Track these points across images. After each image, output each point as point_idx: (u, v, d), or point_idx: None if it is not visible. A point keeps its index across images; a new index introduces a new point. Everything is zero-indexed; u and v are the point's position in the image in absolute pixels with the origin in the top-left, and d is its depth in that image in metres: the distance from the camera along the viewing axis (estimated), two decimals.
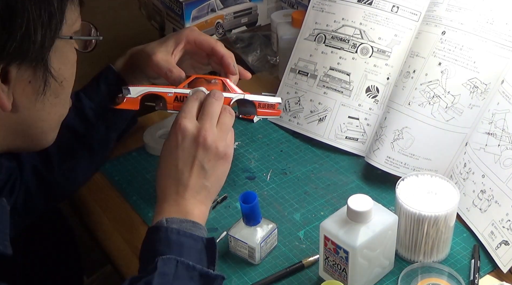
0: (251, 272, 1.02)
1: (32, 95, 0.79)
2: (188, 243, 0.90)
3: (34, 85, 0.78)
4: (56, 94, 0.82)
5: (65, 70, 0.82)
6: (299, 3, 1.58)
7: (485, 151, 1.06)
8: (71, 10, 0.80)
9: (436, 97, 1.13)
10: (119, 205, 1.17)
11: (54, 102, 0.82)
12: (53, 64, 0.79)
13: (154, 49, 1.11)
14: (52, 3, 0.76)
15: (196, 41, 1.13)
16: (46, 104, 0.81)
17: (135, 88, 1.06)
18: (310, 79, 1.30)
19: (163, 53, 1.10)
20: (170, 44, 1.12)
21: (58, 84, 0.81)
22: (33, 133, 0.85)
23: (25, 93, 0.78)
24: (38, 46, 0.75)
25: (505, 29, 1.11)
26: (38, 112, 0.82)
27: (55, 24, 0.76)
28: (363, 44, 1.25)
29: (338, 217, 0.95)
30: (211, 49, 1.12)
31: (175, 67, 1.09)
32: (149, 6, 1.69)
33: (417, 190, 1.00)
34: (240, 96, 1.07)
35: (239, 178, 1.20)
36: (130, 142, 1.29)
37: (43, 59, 0.77)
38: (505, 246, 1.00)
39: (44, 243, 1.27)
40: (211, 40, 1.13)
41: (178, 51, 1.12)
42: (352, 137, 1.25)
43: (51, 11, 0.75)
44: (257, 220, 1.01)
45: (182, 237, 0.89)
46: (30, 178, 1.08)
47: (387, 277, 1.00)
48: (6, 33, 0.72)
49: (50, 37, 0.76)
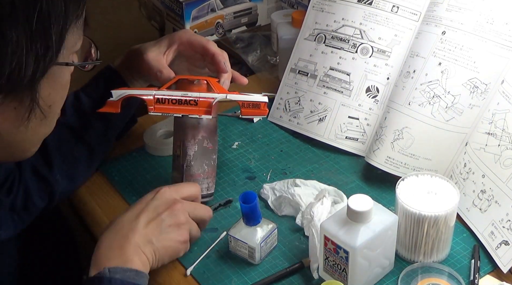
0: (251, 272, 1.02)
1: (15, 121, 0.74)
2: None
3: (19, 112, 0.73)
4: (41, 117, 0.76)
5: (54, 95, 0.77)
6: (299, 3, 1.58)
7: (485, 151, 1.06)
8: (72, 34, 0.74)
9: (436, 97, 1.13)
10: (119, 205, 1.17)
11: (39, 124, 0.77)
12: (42, 91, 0.74)
13: (146, 49, 1.11)
14: (51, 35, 0.69)
15: (189, 42, 1.13)
16: (30, 127, 0.76)
17: (116, 92, 1.07)
18: (310, 79, 1.30)
19: (155, 53, 1.11)
20: (163, 44, 1.12)
21: (46, 108, 0.76)
22: (14, 151, 0.81)
23: (9, 119, 0.73)
24: (28, 79, 0.69)
25: (505, 29, 1.10)
26: (20, 134, 0.77)
27: (51, 55, 0.71)
28: (363, 44, 1.25)
29: (338, 217, 0.95)
30: (202, 49, 1.12)
31: (166, 68, 1.09)
32: (149, 6, 1.69)
33: (417, 190, 1.00)
34: (222, 97, 1.07)
35: (239, 178, 1.20)
36: (130, 142, 1.29)
37: (32, 88, 0.72)
38: (505, 246, 1.00)
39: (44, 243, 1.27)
40: (202, 39, 1.13)
41: (171, 52, 1.12)
42: (352, 137, 1.25)
43: (48, 44, 0.69)
44: (257, 220, 1.01)
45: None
46: (30, 178, 1.08)
47: (387, 277, 1.00)
48: None
49: (42, 68, 0.70)
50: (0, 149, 0.78)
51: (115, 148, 1.27)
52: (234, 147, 1.28)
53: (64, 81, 0.79)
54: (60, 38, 0.71)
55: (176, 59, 1.15)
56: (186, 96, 1.04)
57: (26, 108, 0.73)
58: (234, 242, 1.03)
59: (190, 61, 1.17)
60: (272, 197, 1.13)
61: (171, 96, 1.05)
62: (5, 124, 0.74)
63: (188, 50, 1.14)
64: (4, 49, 0.66)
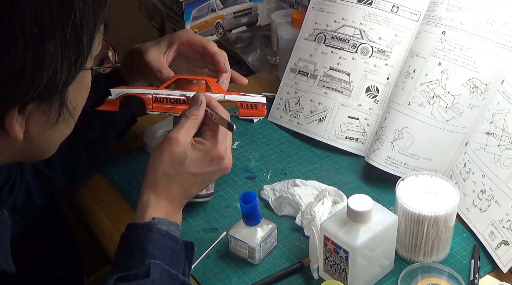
0: (251, 272, 1.02)
1: (44, 124, 0.76)
2: (171, 246, 0.90)
3: (48, 115, 0.75)
4: (66, 120, 0.79)
5: (79, 98, 0.80)
6: (299, 3, 1.58)
7: (485, 151, 1.06)
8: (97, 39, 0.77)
9: (436, 97, 1.13)
10: (119, 205, 1.17)
11: (62, 127, 0.80)
12: (70, 94, 0.76)
13: (147, 49, 1.11)
14: (82, 42, 0.71)
15: (189, 42, 1.13)
16: (55, 130, 0.79)
17: (115, 90, 1.06)
18: (310, 79, 1.30)
19: (155, 53, 1.11)
20: (163, 44, 1.12)
21: (71, 112, 0.79)
22: (37, 153, 0.83)
23: (39, 123, 0.76)
24: (61, 85, 0.72)
25: (505, 29, 1.10)
26: (45, 137, 0.79)
27: (82, 60, 0.73)
28: (363, 44, 1.25)
29: (338, 217, 0.95)
30: (202, 48, 1.12)
31: (165, 68, 1.09)
32: (149, 6, 1.69)
33: (417, 190, 1.00)
34: (220, 97, 1.07)
35: (239, 178, 1.20)
36: (130, 142, 1.29)
37: (62, 93, 0.75)
38: (505, 246, 1.00)
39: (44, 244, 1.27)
40: (202, 39, 1.14)
41: (171, 52, 1.12)
42: (352, 138, 1.25)
43: (80, 51, 0.72)
44: (257, 220, 1.01)
45: (168, 239, 0.90)
46: (31, 177, 1.08)
47: (387, 277, 1.00)
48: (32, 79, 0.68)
49: (74, 73, 0.73)
50: (24, 151, 0.80)
51: (115, 147, 1.27)
52: (234, 147, 1.28)
53: (87, 85, 0.82)
54: (90, 44, 0.74)
55: (176, 59, 1.15)
56: (184, 95, 1.04)
57: (55, 112, 0.76)
58: (234, 242, 1.03)
59: (189, 61, 1.17)
60: (272, 197, 1.13)
61: (170, 95, 1.05)
62: (34, 128, 0.76)
63: (188, 50, 1.14)
64: (43, 59, 0.68)
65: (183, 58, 1.16)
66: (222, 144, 0.96)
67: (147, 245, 0.89)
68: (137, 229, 0.91)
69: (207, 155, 0.95)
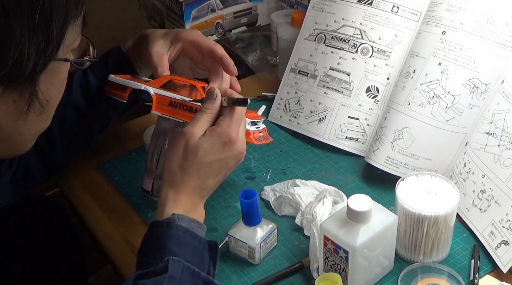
0: (251, 272, 1.02)
1: (14, 114, 0.76)
2: (193, 244, 0.90)
3: (18, 104, 0.75)
4: (39, 112, 0.79)
5: (53, 90, 0.80)
6: (299, 3, 1.58)
7: (485, 151, 1.06)
8: (71, 31, 0.77)
9: (436, 97, 1.13)
10: (119, 205, 1.17)
11: (36, 119, 0.80)
12: (42, 85, 0.76)
13: (154, 40, 1.11)
14: (52, 30, 0.72)
15: (195, 42, 1.13)
16: (27, 121, 0.78)
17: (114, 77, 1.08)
18: (310, 79, 1.30)
19: (160, 47, 1.11)
20: (169, 39, 1.13)
21: (44, 102, 0.78)
22: (10, 145, 0.83)
23: (8, 112, 0.75)
24: (29, 72, 0.72)
25: (505, 29, 1.11)
26: (18, 128, 0.79)
27: (51, 49, 0.73)
28: (363, 44, 1.25)
29: (338, 217, 0.95)
30: (209, 51, 1.12)
31: (161, 66, 1.09)
32: (149, 6, 1.69)
33: (417, 190, 1.00)
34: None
35: (239, 178, 1.20)
36: (130, 142, 1.29)
37: (32, 82, 0.74)
38: (505, 246, 1.00)
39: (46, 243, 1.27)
40: (210, 42, 1.14)
41: (175, 50, 1.13)
42: (352, 138, 1.25)
43: (49, 38, 0.72)
44: (257, 220, 1.01)
45: (188, 236, 0.90)
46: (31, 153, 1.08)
47: (387, 277, 1.00)
48: None
49: (43, 62, 0.73)
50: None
51: (115, 148, 1.27)
52: None
53: (62, 78, 0.81)
54: (60, 34, 0.74)
55: (180, 57, 1.15)
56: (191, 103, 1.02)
57: (26, 101, 0.75)
58: (234, 242, 1.03)
59: (193, 61, 1.17)
60: (272, 197, 1.13)
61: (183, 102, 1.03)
62: (4, 117, 0.75)
63: (192, 50, 1.14)
64: (9, 41, 0.68)
65: (186, 56, 1.16)
66: (233, 128, 0.95)
67: (167, 242, 0.89)
68: (156, 227, 0.91)
69: (219, 140, 0.95)
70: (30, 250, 1.21)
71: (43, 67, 0.74)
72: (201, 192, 0.96)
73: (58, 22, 0.72)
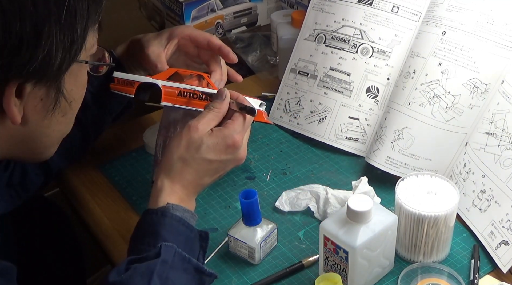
0: (251, 272, 1.02)
1: (42, 112, 0.80)
2: (185, 233, 0.92)
3: (45, 102, 0.80)
4: (63, 113, 0.83)
5: (76, 92, 0.84)
6: (299, 3, 1.58)
7: (485, 151, 1.06)
8: (91, 34, 0.81)
9: (436, 97, 1.13)
10: (119, 205, 1.17)
11: (60, 121, 0.84)
12: (66, 85, 0.80)
13: (148, 42, 1.13)
14: (76, 30, 0.76)
15: (191, 36, 1.14)
16: (52, 121, 0.83)
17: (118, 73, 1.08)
18: (310, 80, 1.30)
19: (155, 47, 1.12)
20: (164, 38, 1.13)
21: (68, 104, 0.83)
22: (35, 147, 0.86)
23: (36, 109, 0.79)
24: (56, 68, 0.76)
25: (505, 29, 1.11)
26: (44, 128, 0.83)
27: (75, 49, 0.78)
28: (363, 44, 1.25)
29: (338, 217, 0.95)
30: (207, 43, 1.13)
31: (160, 63, 1.10)
32: (149, 6, 1.69)
33: (417, 190, 1.00)
34: None
35: (239, 178, 1.20)
36: (130, 142, 1.29)
37: (58, 80, 0.79)
38: (505, 246, 1.00)
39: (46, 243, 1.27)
40: (205, 34, 1.15)
41: (171, 46, 1.13)
42: (352, 138, 1.25)
43: (74, 38, 0.77)
44: (257, 220, 1.01)
45: (181, 226, 0.92)
46: None
47: (387, 277, 1.00)
48: (29, 54, 0.73)
49: (68, 61, 0.78)
50: (23, 142, 0.83)
51: (115, 148, 1.27)
52: None
53: (83, 80, 0.86)
54: (83, 35, 0.78)
55: (175, 53, 1.16)
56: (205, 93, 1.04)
57: (52, 100, 0.80)
58: (234, 242, 1.03)
59: (188, 56, 1.17)
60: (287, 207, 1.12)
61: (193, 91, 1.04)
62: (32, 114, 0.79)
63: (188, 45, 1.15)
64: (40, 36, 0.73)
65: (181, 52, 1.16)
66: (239, 133, 0.97)
67: (161, 229, 0.90)
68: (151, 214, 0.93)
69: (223, 142, 0.96)
70: (28, 251, 1.21)
71: (68, 66, 0.78)
72: (196, 187, 0.98)
73: (81, 23, 0.77)
